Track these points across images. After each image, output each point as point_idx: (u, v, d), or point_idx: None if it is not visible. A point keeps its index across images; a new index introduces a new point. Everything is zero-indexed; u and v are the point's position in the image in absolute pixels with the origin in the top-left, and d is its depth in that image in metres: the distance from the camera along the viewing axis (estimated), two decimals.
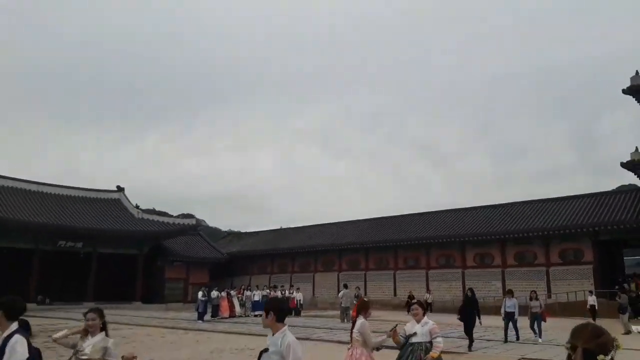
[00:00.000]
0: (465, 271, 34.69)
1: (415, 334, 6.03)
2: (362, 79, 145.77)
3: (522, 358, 12.40)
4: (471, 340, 13.80)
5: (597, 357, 2.09)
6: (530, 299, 16.31)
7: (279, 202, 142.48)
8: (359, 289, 27.63)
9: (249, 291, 28.01)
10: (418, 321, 6.17)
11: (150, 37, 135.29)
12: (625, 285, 27.84)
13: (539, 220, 32.71)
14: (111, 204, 42.92)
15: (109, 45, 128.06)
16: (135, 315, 26.81)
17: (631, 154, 26.55)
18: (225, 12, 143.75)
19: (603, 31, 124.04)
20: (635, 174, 26.99)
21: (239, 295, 27.53)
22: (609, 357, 2.11)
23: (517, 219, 34.08)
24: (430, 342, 6.03)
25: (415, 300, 6.43)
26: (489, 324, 19.16)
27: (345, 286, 24.93)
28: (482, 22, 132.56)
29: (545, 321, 15.96)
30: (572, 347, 2.18)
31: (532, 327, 15.96)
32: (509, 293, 16.34)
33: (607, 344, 2.15)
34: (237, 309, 25.94)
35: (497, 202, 38.24)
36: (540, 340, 15.21)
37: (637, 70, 26.77)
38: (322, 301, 40.22)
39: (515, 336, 15.46)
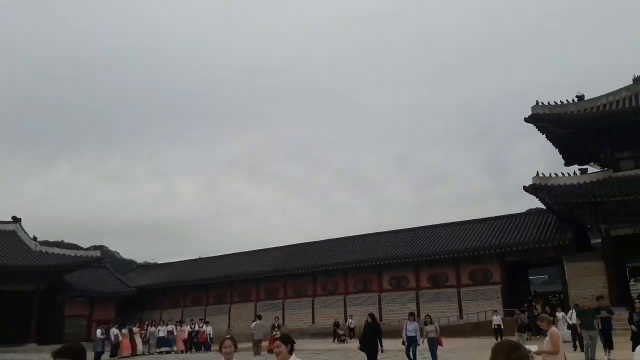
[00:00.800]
0: (382, 295, 34.68)
1: None
2: (290, 109, 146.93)
3: None
4: None
5: None
6: (425, 324, 15.48)
7: (202, 231, 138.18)
8: (278, 318, 26.61)
9: (153, 327, 25.99)
10: None
11: (64, 61, 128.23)
12: (534, 303, 29.00)
13: (450, 243, 33.55)
14: (5, 236, 38.94)
15: (21, 67, 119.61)
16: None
17: (532, 178, 27.98)
18: (146, 35, 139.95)
19: (514, 67, 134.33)
20: (537, 197, 28.41)
21: (142, 332, 25.46)
22: None
23: (431, 241, 34.76)
24: None
25: (278, 334, 4.82)
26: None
27: (259, 317, 23.83)
28: (402, 55, 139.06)
29: (441, 345, 15.36)
30: None
31: (408, 354, 14.78)
32: (410, 316, 15.71)
33: (523, 358, 2.40)
34: (140, 346, 23.94)
35: (415, 226, 38.96)
36: None
37: (537, 100, 28.51)
38: (238, 334, 38.27)
39: None
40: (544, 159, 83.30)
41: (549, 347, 7.67)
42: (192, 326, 27.53)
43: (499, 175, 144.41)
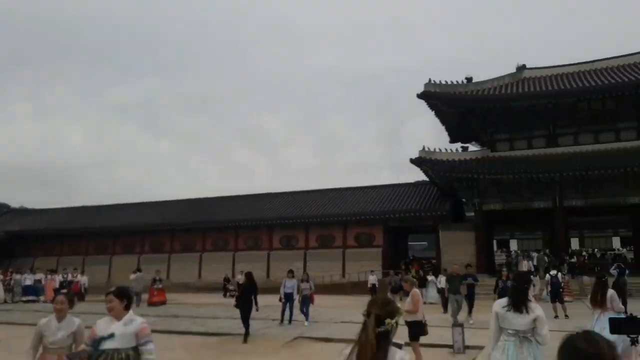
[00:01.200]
0: (271, 252, 35.30)
1: (112, 336, 4.12)
2: (191, 59, 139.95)
3: (299, 337, 12.59)
4: (247, 332, 12.47)
5: (385, 321, 2.54)
6: (302, 281, 15.54)
7: (91, 180, 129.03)
8: (159, 272, 25.94)
9: (18, 275, 24.15)
10: (118, 318, 4.24)
11: None
12: (410, 267, 31.21)
13: (341, 207, 34.81)
14: None
15: None
16: None
17: (419, 151, 29.67)
18: None
19: (417, 44, 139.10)
20: (421, 170, 30.22)
21: (6, 279, 23.58)
22: (394, 320, 2.59)
23: (323, 204, 35.79)
24: (135, 349, 4.18)
25: (112, 289, 4.44)
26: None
27: (139, 270, 23.15)
28: (312, 20, 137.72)
29: (313, 303, 15.61)
30: (367, 314, 2.59)
31: (284, 311, 14.98)
32: (289, 273, 15.66)
33: (394, 311, 2.63)
34: (1, 294, 22.18)
35: (312, 189, 39.76)
36: (306, 323, 14.66)
37: (429, 78, 29.97)
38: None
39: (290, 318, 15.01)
40: (435, 135, 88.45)
41: (410, 307, 8.35)
42: (65, 275, 26.00)
43: (395, 147, 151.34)
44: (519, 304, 4.68)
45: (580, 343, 1.72)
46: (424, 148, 29.54)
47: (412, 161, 29.18)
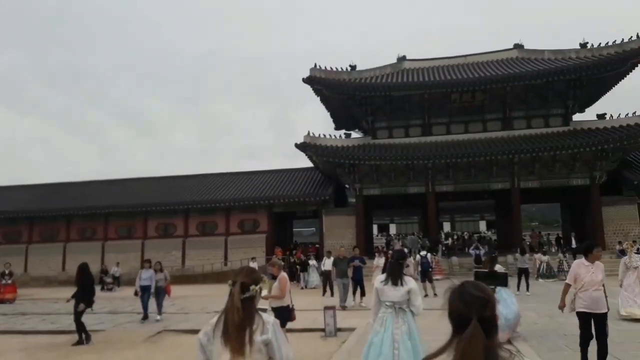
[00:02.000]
0: (146, 242, 33.10)
1: None
2: (61, 31, 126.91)
3: (163, 330, 11.57)
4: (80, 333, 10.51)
5: (250, 288, 2.73)
6: (156, 272, 13.89)
7: None
8: (9, 264, 22.85)
9: None
10: None
11: None
12: (294, 252, 30.89)
13: (224, 192, 33.59)
14: None
15: None
16: None
17: (304, 136, 29.51)
18: None
19: (307, 31, 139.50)
20: (306, 155, 30.09)
21: None
22: (258, 287, 2.79)
23: (205, 190, 34.28)
24: None
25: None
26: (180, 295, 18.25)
27: None
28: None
29: (169, 295, 14.37)
30: (233, 283, 2.75)
31: (143, 303, 13.48)
32: (146, 263, 14.24)
33: (258, 279, 2.84)
34: None
35: (193, 173, 37.85)
36: (158, 317, 13.35)
37: (315, 63, 29.83)
38: None
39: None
40: (325, 123, 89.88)
41: (277, 292, 7.79)
42: None
43: (288, 133, 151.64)
44: (395, 277, 5.08)
45: (470, 287, 1.86)
46: (308, 133, 29.43)
47: (297, 146, 28.93)
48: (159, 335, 11.11)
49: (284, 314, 7.75)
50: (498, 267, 9.19)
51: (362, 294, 15.19)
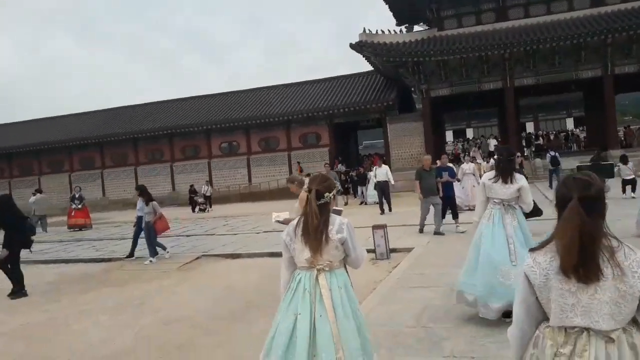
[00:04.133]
0: (211, 161, 32.99)
1: None
2: None
3: (202, 255, 10.74)
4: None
5: (325, 194, 2.93)
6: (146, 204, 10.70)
7: (26, 96, 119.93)
8: (79, 188, 23.31)
9: None
10: None
11: None
12: (364, 165, 29.39)
13: (281, 106, 32.17)
14: None
15: None
16: None
17: (359, 34, 26.73)
18: None
19: None
20: (363, 56, 27.50)
21: None
22: (332, 194, 3.00)
23: (262, 104, 33.04)
24: None
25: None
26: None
27: (39, 191, 20.65)
28: None
29: (158, 234, 10.68)
30: (309, 190, 2.95)
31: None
32: (137, 191, 11.25)
33: (331, 186, 3.03)
34: None
35: (249, 88, 36.60)
36: (149, 260, 10.46)
37: None
38: (51, 207, 34.59)
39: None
40: (390, 27, 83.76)
41: (296, 211, 6.34)
42: None
43: (347, 46, 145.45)
44: (505, 175, 4.95)
45: (574, 175, 1.88)
46: (364, 31, 26.61)
47: (352, 46, 26.37)
48: (197, 262, 10.30)
49: None
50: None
51: (455, 215, 11.24)
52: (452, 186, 11.56)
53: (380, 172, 15.74)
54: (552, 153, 20.72)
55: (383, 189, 15.70)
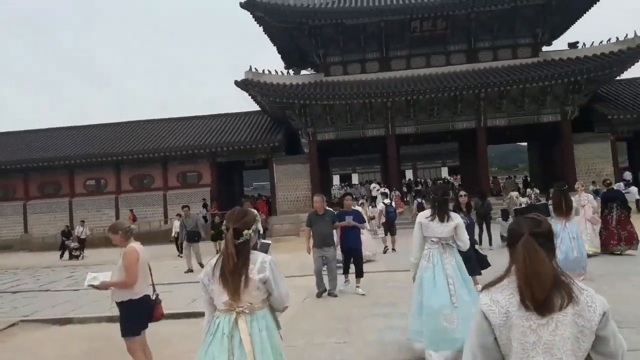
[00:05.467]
0: (74, 200, 29.28)
1: None
2: None
3: (21, 321, 8.38)
4: None
5: (243, 233, 2.78)
6: None
7: None
8: None
9: None
10: None
11: None
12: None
13: (159, 142, 29.81)
14: None
15: None
16: None
17: (245, 72, 25.72)
18: None
19: None
20: (249, 94, 26.51)
21: None
22: (251, 231, 2.84)
23: (136, 139, 30.38)
24: None
25: None
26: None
27: None
28: None
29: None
30: (227, 228, 2.81)
31: None
32: None
33: (250, 222, 2.87)
34: None
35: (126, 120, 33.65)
36: None
37: None
38: None
39: None
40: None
41: (120, 275, 4.69)
42: None
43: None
44: (442, 213, 5.01)
45: (524, 216, 1.92)
46: (250, 69, 25.70)
47: (237, 84, 25.26)
48: (10, 331, 7.92)
49: (137, 311, 4.69)
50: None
51: (359, 272, 8.72)
52: (358, 235, 8.91)
53: (176, 224, 14.94)
54: (419, 200, 21.91)
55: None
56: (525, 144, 36.90)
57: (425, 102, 26.24)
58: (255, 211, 2.96)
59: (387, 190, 20.39)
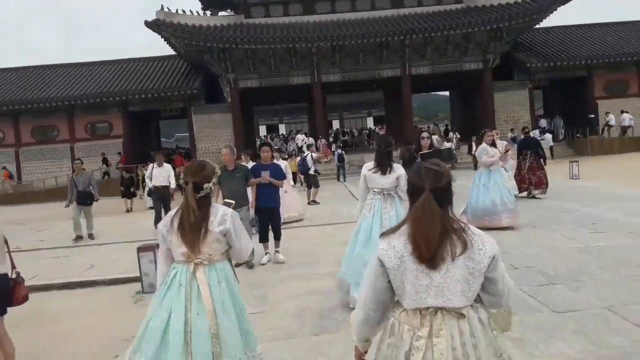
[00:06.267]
0: None
1: None
2: None
3: None
4: None
5: (203, 186, 2.75)
6: None
7: None
8: None
9: None
10: None
11: None
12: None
13: (62, 89, 26.95)
14: None
15: None
16: None
17: (156, 12, 23.58)
18: None
19: None
20: (161, 37, 24.30)
21: None
22: (211, 184, 2.81)
23: (37, 86, 27.29)
24: None
25: None
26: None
27: None
28: None
29: None
30: (185, 182, 2.77)
31: None
32: None
33: (210, 175, 2.82)
34: None
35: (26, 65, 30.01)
36: None
37: None
38: None
39: None
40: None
41: None
42: None
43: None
44: (384, 166, 5.01)
45: (426, 164, 1.91)
46: (162, 8, 23.43)
47: (148, 24, 23.04)
48: None
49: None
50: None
51: (277, 234, 7.43)
52: (275, 193, 7.48)
53: (159, 174, 11.16)
54: (339, 151, 21.81)
55: (163, 196, 11.05)
56: (447, 93, 37.36)
57: (351, 49, 25.41)
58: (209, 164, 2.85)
59: (312, 141, 19.59)
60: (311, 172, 14.63)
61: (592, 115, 26.46)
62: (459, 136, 26.31)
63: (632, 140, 24.77)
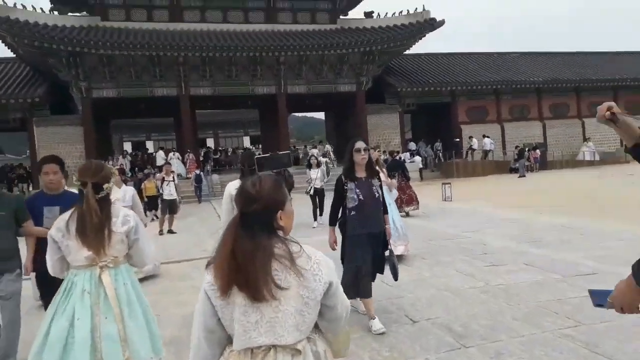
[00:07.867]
0: None
1: None
2: None
3: None
4: None
5: (103, 187, 2.67)
6: None
7: None
8: None
9: None
10: None
11: None
12: None
13: None
14: None
15: None
16: None
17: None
18: None
19: None
20: None
21: None
22: (111, 183, 2.74)
23: None
24: None
25: None
26: None
27: None
28: None
29: None
30: (83, 184, 2.63)
31: None
32: None
33: (109, 175, 2.75)
34: None
35: None
36: None
37: None
38: None
39: None
40: None
41: None
42: None
43: None
44: None
45: (246, 185, 1.67)
46: (5, 3, 19.71)
47: None
48: None
49: None
50: None
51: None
52: None
53: None
54: (197, 172, 21.55)
55: None
56: (323, 114, 37.27)
57: (223, 61, 23.75)
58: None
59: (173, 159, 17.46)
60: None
61: (457, 139, 27.71)
62: (332, 147, 26.57)
63: (493, 163, 26.29)
